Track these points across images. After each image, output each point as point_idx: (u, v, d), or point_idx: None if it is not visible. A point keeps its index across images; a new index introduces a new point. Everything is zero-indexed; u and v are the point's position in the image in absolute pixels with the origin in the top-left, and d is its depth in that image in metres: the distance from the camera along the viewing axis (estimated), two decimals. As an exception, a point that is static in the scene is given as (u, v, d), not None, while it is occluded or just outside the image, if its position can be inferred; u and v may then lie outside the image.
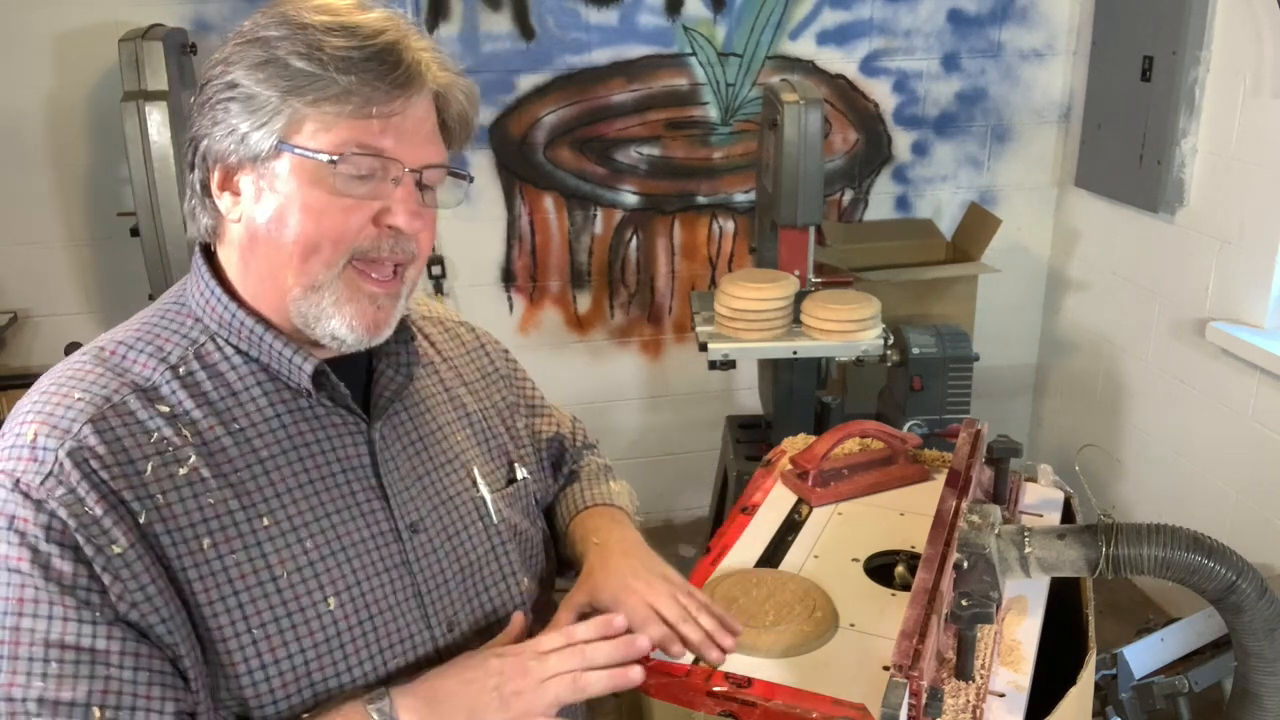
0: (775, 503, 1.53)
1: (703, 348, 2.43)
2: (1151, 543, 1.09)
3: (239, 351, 0.96)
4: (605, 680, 0.98)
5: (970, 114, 3.35)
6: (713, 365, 2.43)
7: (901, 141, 3.35)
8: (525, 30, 3.02)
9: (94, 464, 0.86)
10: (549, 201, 3.20)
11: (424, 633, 1.01)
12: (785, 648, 1.17)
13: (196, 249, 1.00)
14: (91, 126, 2.87)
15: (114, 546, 0.85)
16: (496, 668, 0.95)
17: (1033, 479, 1.56)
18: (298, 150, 0.90)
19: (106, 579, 0.85)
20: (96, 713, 0.84)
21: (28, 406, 0.90)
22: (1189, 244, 2.88)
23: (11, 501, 0.85)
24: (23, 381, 2.59)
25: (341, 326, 0.95)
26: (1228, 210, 2.74)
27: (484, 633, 1.06)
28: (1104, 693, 2.29)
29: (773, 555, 1.39)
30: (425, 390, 1.10)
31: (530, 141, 3.12)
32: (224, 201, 0.95)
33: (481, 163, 3.10)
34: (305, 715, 0.93)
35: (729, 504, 2.80)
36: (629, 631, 1.03)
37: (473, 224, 3.12)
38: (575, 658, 0.97)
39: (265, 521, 0.93)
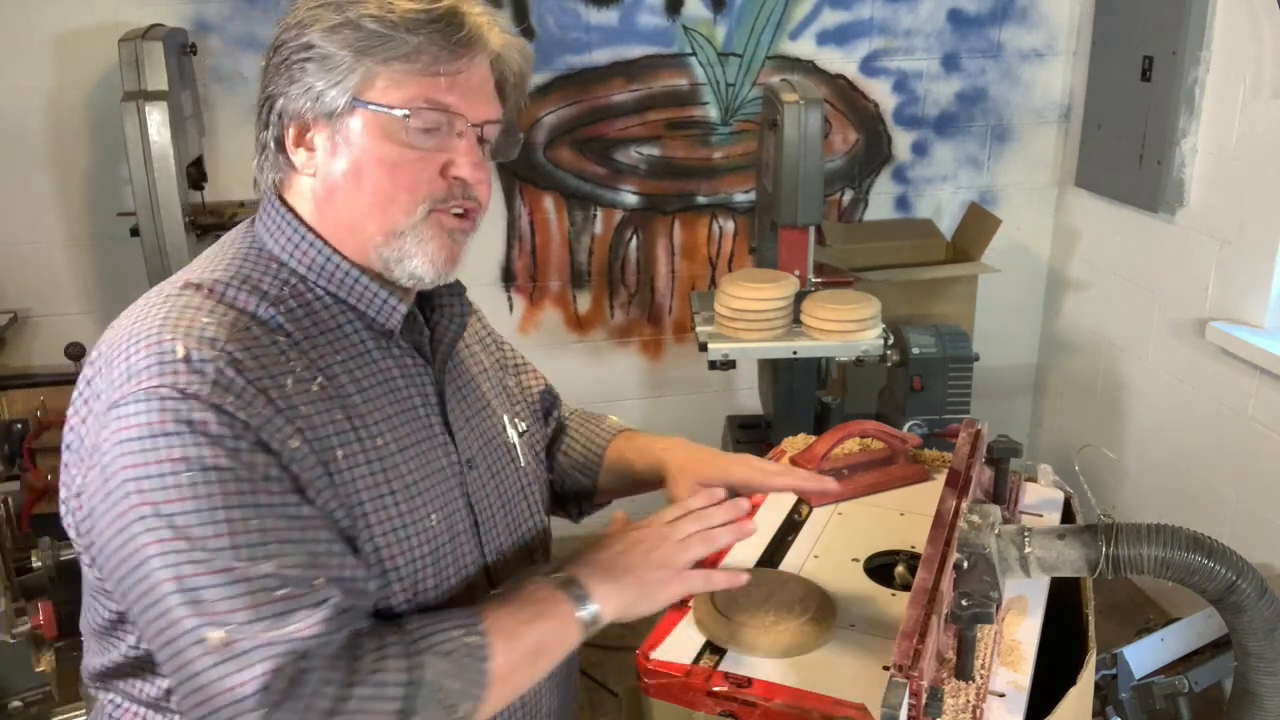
0: (775, 503, 1.53)
1: (703, 348, 2.43)
2: (1151, 543, 1.09)
3: (329, 293, 1.02)
4: (727, 535, 1.14)
5: (970, 114, 3.35)
6: (713, 365, 2.43)
7: (901, 141, 3.35)
8: (525, 30, 3.02)
9: (250, 374, 0.91)
10: (549, 201, 3.20)
11: (480, 561, 1.10)
12: (785, 648, 1.17)
13: (272, 196, 1.04)
14: (91, 126, 2.87)
15: (291, 441, 0.92)
16: (639, 538, 1.10)
17: (1033, 479, 1.56)
18: (371, 106, 0.96)
19: (294, 469, 0.91)
20: (320, 576, 0.90)
21: (154, 331, 0.92)
22: (1189, 244, 2.88)
23: (187, 408, 0.88)
24: (23, 382, 2.59)
25: (424, 263, 1.01)
26: (1228, 210, 2.74)
27: (523, 562, 1.16)
28: (1104, 693, 2.29)
29: (773, 555, 1.39)
30: (469, 338, 1.20)
31: (530, 141, 3.12)
32: (299, 157, 1.00)
33: (481, 163, 3.10)
34: (494, 592, 1.04)
35: (729, 504, 2.79)
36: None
37: (473, 224, 3.12)
38: (699, 521, 1.13)
39: (379, 440, 0.99)
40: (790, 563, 1.37)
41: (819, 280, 2.64)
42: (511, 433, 1.20)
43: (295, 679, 0.85)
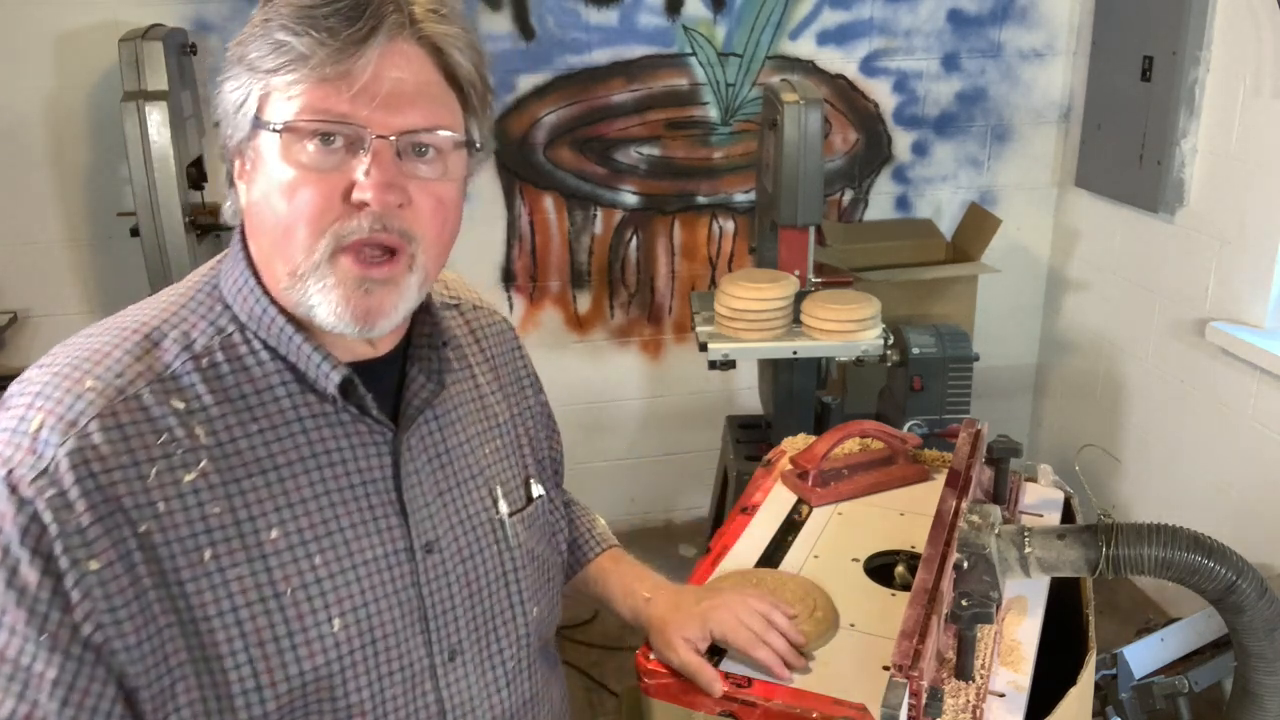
0: (775, 503, 1.53)
1: (703, 348, 2.43)
2: (1151, 543, 1.09)
3: (267, 347, 0.90)
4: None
5: (970, 114, 3.35)
6: (713, 365, 2.43)
7: (901, 141, 3.35)
8: (525, 30, 3.02)
9: (95, 466, 0.81)
10: (549, 201, 3.20)
11: (424, 659, 0.96)
12: (785, 648, 1.17)
13: (237, 233, 0.94)
14: (91, 126, 2.87)
15: (92, 562, 0.80)
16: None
17: (1033, 479, 1.56)
18: (264, 125, 0.84)
19: (75, 595, 0.80)
20: None
21: (39, 386, 0.84)
22: (1189, 244, 2.88)
23: None
24: (23, 381, 2.59)
25: (329, 314, 0.86)
26: (1228, 210, 2.74)
27: (483, 664, 1.01)
28: (1104, 693, 2.28)
29: (773, 555, 1.39)
30: (459, 396, 1.03)
31: (530, 141, 3.12)
32: (240, 188, 0.90)
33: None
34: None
35: (729, 504, 2.80)
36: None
37: (473, 224, 3.10)
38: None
39: (274, 534, 0.87)
40: (790, 563, 1.37)
41: (819, 280, 2.64)
42: (504, 507, 1.03)
43: None
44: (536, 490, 1.10)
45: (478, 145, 0.92)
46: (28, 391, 0.85)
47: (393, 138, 0.84)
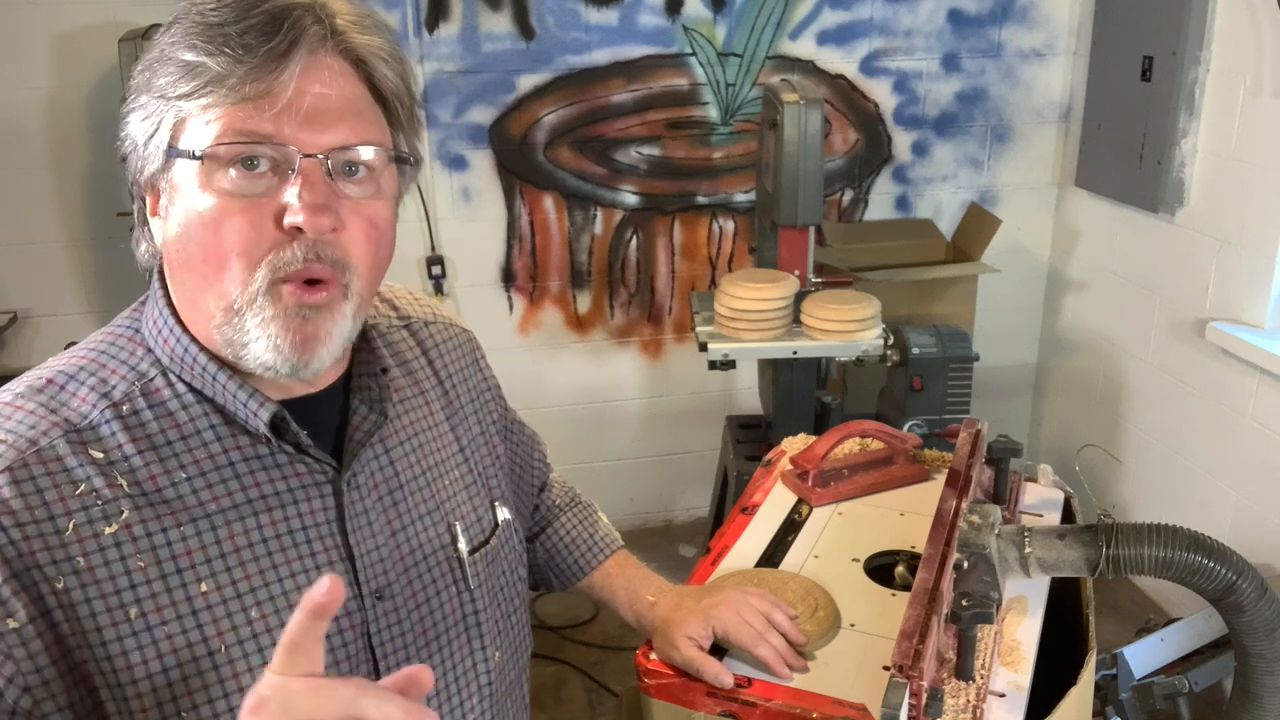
0: (775, 503, 1.53)
1: (703, 348, 2.43)
2: (1151, 543, 1.09)
3: (191, 389, 0.84)
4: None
5: (970, 114, 3.35)
6: (713, 365, 2.43)
7: (901, 141, 3.35)
8: (525, 30, 3.02)
9: (5, 520, 0.76)
10: (549, 201, 3.20)
11: None
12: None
13: (154, 275, 0.88)
14: (91, 126, 2.87)
15: (10, 620, 0.75)
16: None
17: (1033, 479, 1.56)
18: (181, 153, 0.78)
19: None
20: None
21: None
22: (1189, 244, 2.88)
23: None
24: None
25: (266, 349, 0.80)
26: (1228, 210, 2.74)
27: (447, 717, 0.94)
28: (1104, 693, 2.29)
29: (773, 555, 1.39)
30: (413, 426, 0.97)
31: (530, 141, 3.12)
32: (155, 225, 0.84)
33: (482, 163, 3.11)
34: None
35: (729, 504, 2.80)
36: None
37: (473, 224, 3.13)
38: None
39: (204, 587, 0.81)
40: (790, 563, 1.37)
41: (819, 280, 2.64)
42: (463, 545, 0.96)
43: None
44: (502, 515, 1.04)
45: (410, 160, 0.88)
46: None
47: (321, 156, 0.79)
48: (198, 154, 0.77)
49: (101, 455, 0.80)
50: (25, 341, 2.96)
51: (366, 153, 0.82)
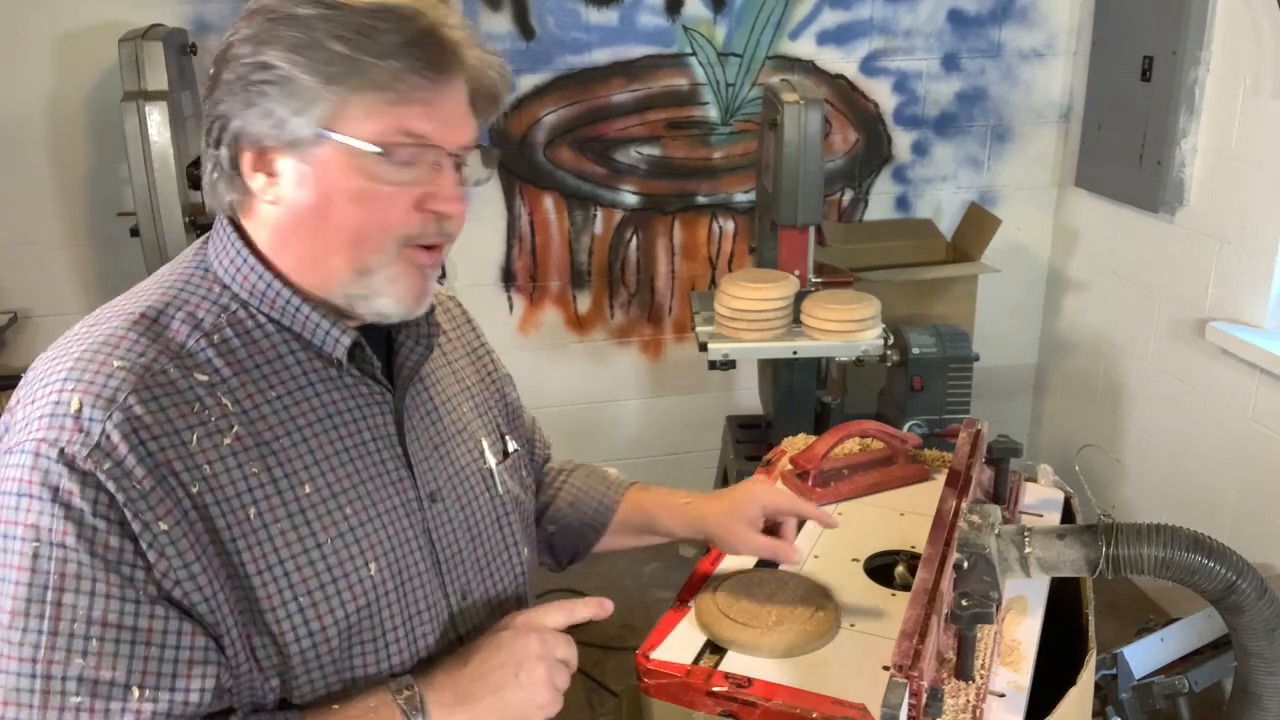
0: (775, 503, 1.53)
1: (703, 348, 2.43)
2: (1151, 543, 1.09)
3: (271, 320, 0.96)
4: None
5: (970, 114, 3.35)
6: (713, 365, 2.43)
7: (901, 141, 3.35)
8: (525, 30, 3.02)
9: (142, 435, 0.85)
10: (549, 201, 3.20)
11: (442, 600, 1.03)
12: (788, 647, 1.17)
13: (223, 220, 0.98)
14: (91, 126, 2.87)
15: (160, 523, 0.84)
16: (508, 655, 0.98)
17: (1033, 479, 1.57)
18: (340, 138, 0.89)
19: (152, 556, 0.84)
20: (136, 692, 0.84)
21: (62, 373, 0.87)
22: (1189, 244, 2.88)
23: (57, 473, 0.83)
24: (23, 381, 2.59)
25: (392, 303, 0.95)
26: (1228, 210, 2.74)
27: (491, 601, 1.09)
28: (1104, 693, 2.28)
29: (773, 555, 1.39)
30: (434, 362, 1.11)
31: (530, 141, 3.12)
32: (257, 181, 0.93)
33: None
34: (336, 707, 0.93)
35: (729, 504, 2.79)
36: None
37: (473, 224, 3.10)
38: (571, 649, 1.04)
39: (307, 489, 0.93)
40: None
41: (819, 280, 2.64)
42: (490, 458, 1.12)
43: None
44: (511, 445, 1.18)
45: (497, 151, 1.04)
46: (53, 378, 0.88)
47: (459, 153, 0.94)
48: (374, 149, 0.89)
49: (205, 378, 0.91)
50: (25, 341, 2.96)
51: (476, 150, 0.97)
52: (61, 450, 0.83)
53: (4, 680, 0.82)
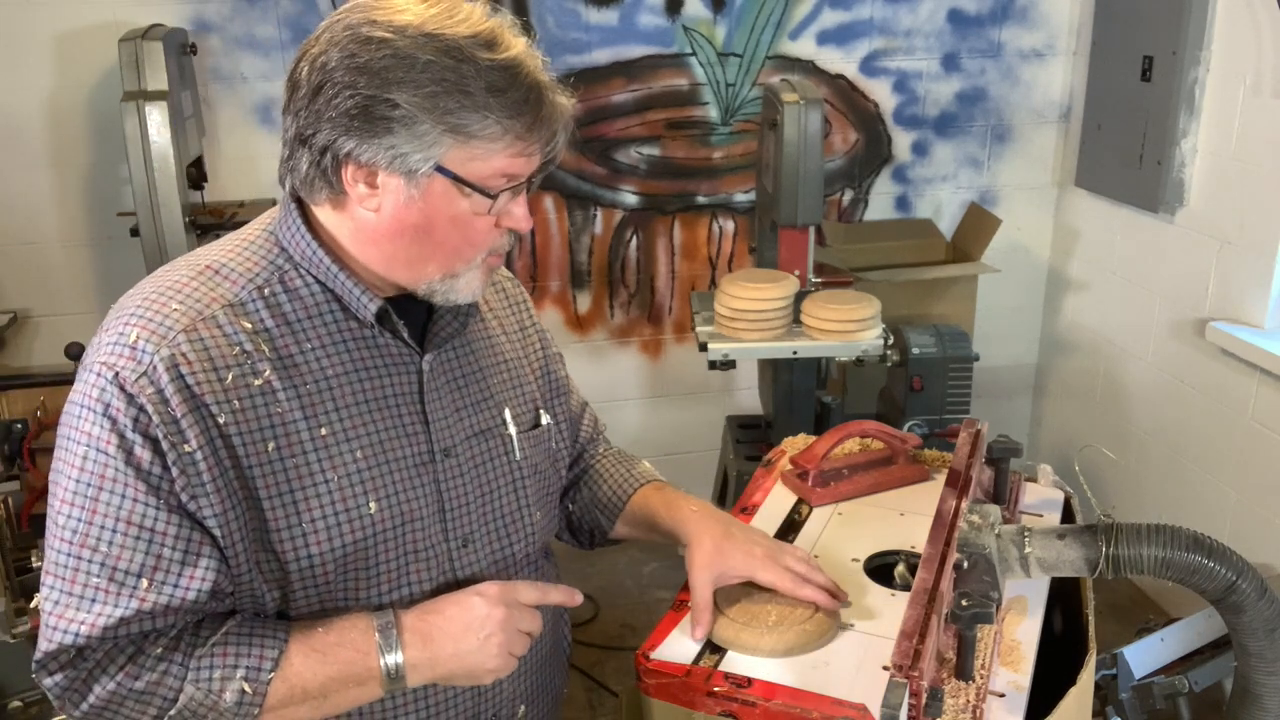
0: (775, 503, 1.53)
1: (703, 348, 2.43)
2: (1151, 543, 1.09)
3: (318, 281, 1.09)
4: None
5: (970, 114, 3.35)
6: (713, 365, 2.43)
7: (901, 141, 3.35)
8: (525, 30, 3.02)
9: (183, 369, 1.00)
10: (549, 201, 3.20)
11: (443, 545, 1.14)
12: (788, 647, 1.17)
13: (291, 204, 1.10)
14: (91, 126, 2.87)
15: (186, 445, 0.99)
16: (483, 619, 1.09)
17: (1033, 479, 1.56)
18: (453, 176, 1.02)
19: (175, 471, 0.99)
20: (144, 582, 0.99)
21: (131, 309, 1.03)
22: (1189, 244, 2.88)
23: (110, 392, 0.99)
24: (23, 382, 2.59)
25: (465, 295, 1.11)
26: (1228, 210, 2.74)
27: (495, 553, 1.19)
28: (1104, 693, 2.28)
29: (773, 555, 1.39)
30: (475, 333, 1.22)
31: (530, 141, 3.12)
32: (357, 190, 1.04)
33: (481, 163, 3.11)
34: (321, 628, 1.05)
35: (729, 504, 2.80)
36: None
37: (473, 224, 3.12)
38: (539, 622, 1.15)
39: (323, 431, 1.05)
40: (790, 563, 1.37)
41: (819, 280, 2.64)
42: (512, 427, 1.22)
43: (72, 663, 0.99)
44: (545, 419, 1.28)
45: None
46: (123, 315, 1.04)
47: (531, 180, 1.09)
48: (491, 193, 1.04)
49: (249, 325, 1.05)
50: (25, 341, 2.96)
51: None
52: (116, 374, 0.99)
53: (51, 554, 1.02)
